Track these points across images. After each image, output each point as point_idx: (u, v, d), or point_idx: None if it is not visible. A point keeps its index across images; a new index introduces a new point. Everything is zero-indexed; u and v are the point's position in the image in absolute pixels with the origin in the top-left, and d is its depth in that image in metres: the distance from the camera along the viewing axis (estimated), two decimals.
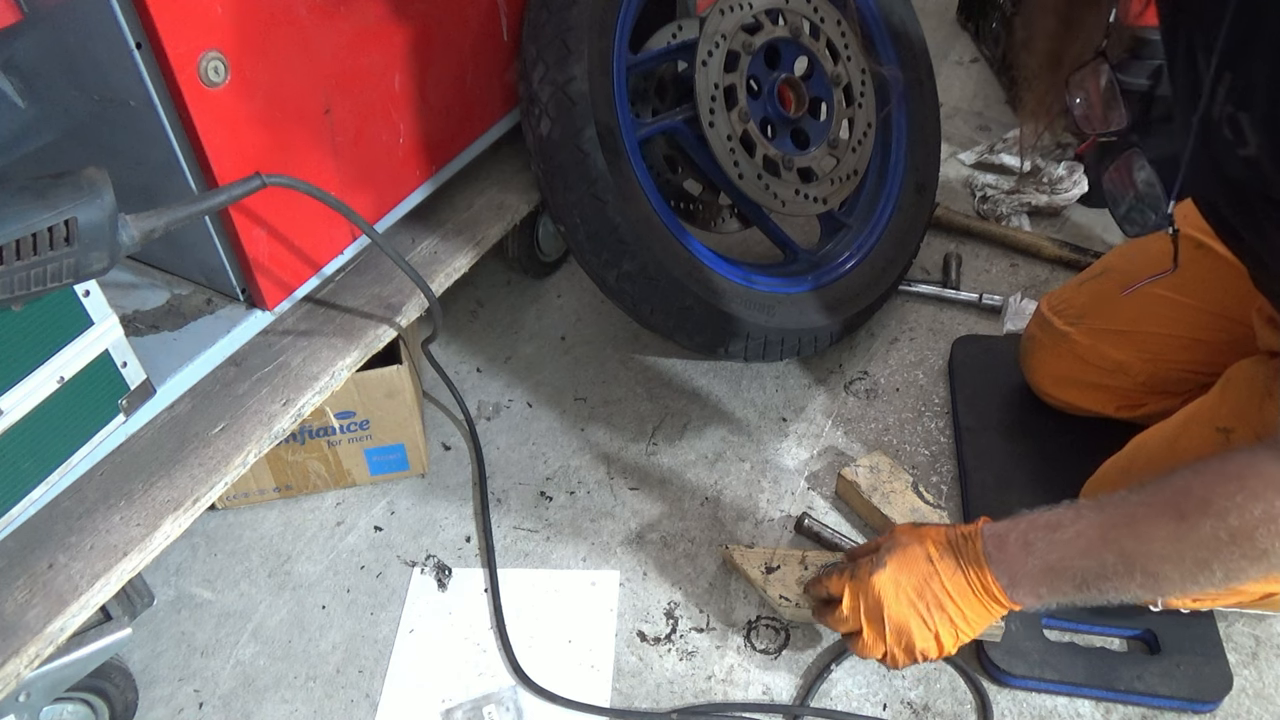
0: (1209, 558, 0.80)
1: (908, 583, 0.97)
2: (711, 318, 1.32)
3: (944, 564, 0.97)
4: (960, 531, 0.97)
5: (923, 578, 0.97)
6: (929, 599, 0.96)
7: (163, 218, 0.88)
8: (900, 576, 0.98)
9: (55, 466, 0.95)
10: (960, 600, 0.96)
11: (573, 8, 1.23)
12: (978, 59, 2.27)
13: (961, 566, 0.96)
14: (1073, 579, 0.88)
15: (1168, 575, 0.83)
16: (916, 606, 0.97)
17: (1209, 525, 0.79)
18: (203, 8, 0.90)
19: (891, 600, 0.97)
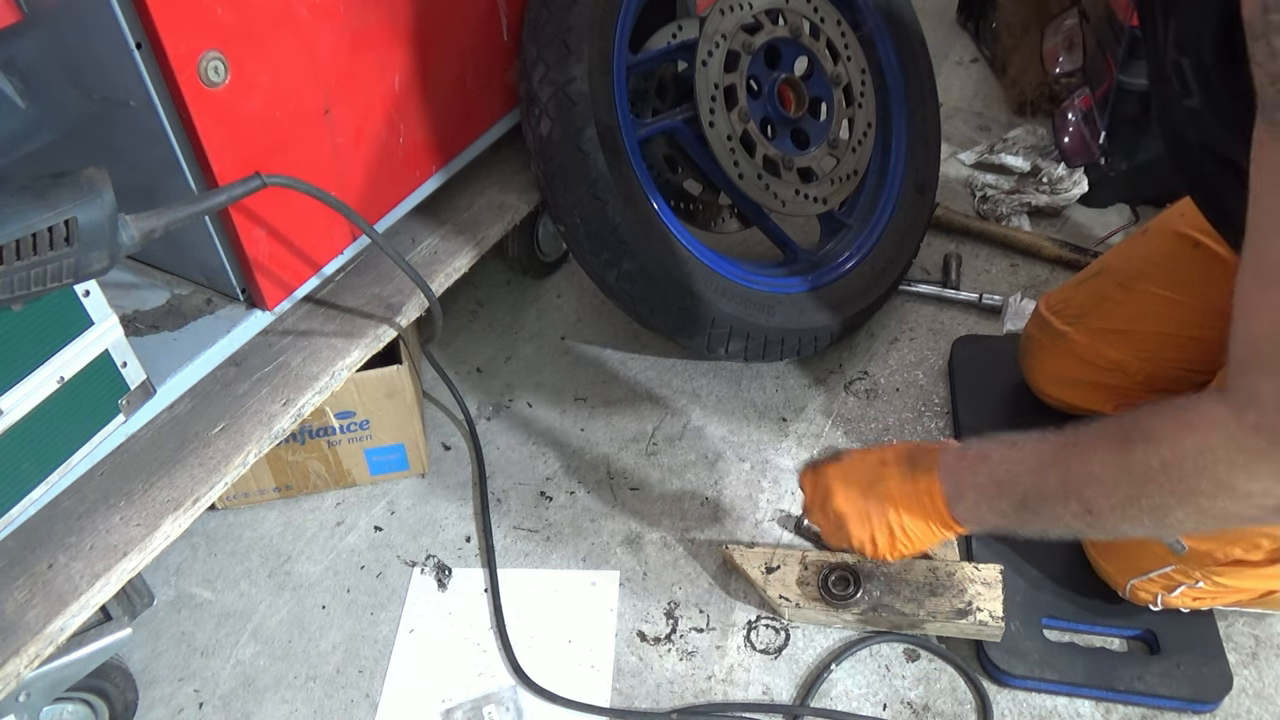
0: (1138, 491, 0.79)
1: (855, 478, 1.02)
2: (711, 318, 1.32)
3: (894, 468, 0.99)
4: (925, 446, 0.99)
5: (871, 478, 1.01)
6: (872, 498, 1.00)
7: (163, 218, 0.88)
8: (850, 472, 1.02)
9: (55, 466, 0.95)
10: (901, 505, 0.98)
11: (573, 8, 1.23)
12: (978, 59, 2.27)
13: (911, 473, 0.98)
14: (1015, 496, 0.89)
15: (1099, 504, 0.82)
16: (858, 503, 1.01)
17: (1143, 453, 0.78)
18: (203, 8, 0.90)
19: (838, 492, 1.02)
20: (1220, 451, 0.73)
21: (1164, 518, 0.78)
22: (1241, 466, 0.72)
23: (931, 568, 1.17)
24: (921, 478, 0.97)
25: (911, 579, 1.16)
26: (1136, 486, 0.79)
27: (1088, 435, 0.84)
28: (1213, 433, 0.74)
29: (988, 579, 1.15)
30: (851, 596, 1.15)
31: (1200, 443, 0.75)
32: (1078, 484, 0.83)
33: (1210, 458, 0.74)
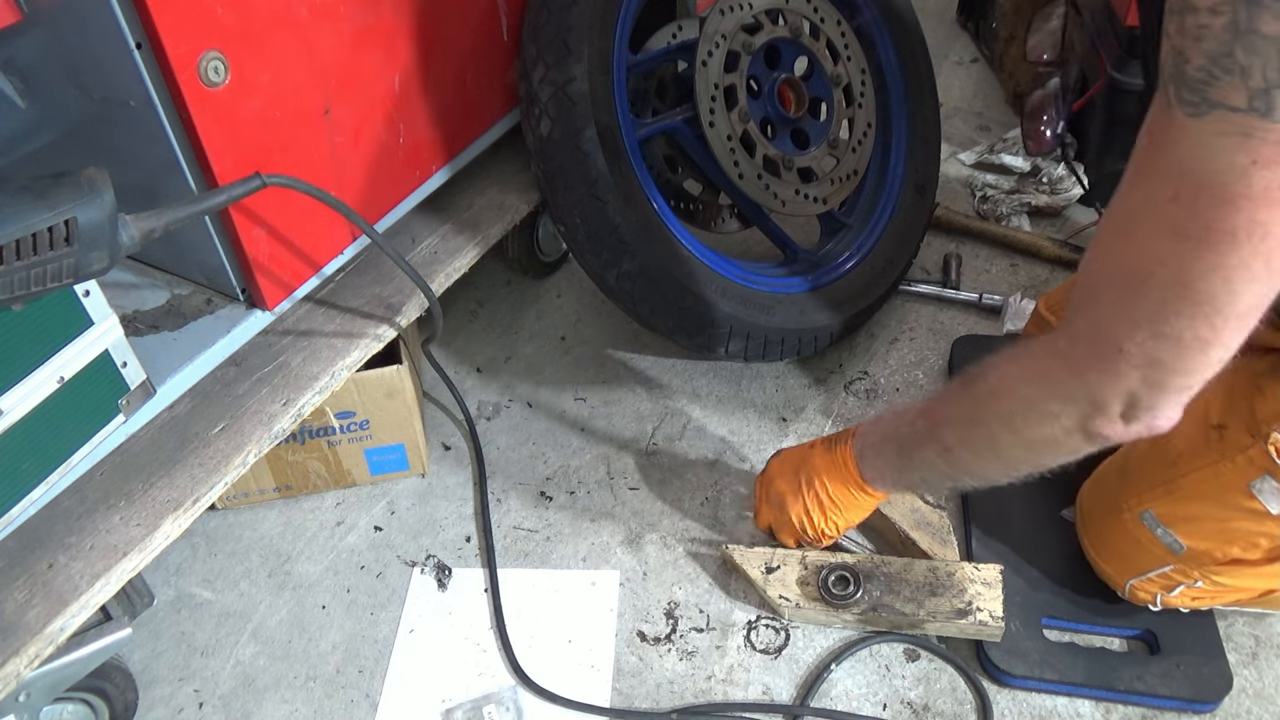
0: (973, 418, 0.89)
1: (789, 463, 1.16)
2: (711, 318, 1.32)
3: (819, 448, 1.13)
4: (843, 430, 1.12)
5: (800, 459, 1.15)
6: (803, 476, 1.13)
7: (163, 218, 0.88)
8: (786, 458, 1.18)
9: (55, 466, 0.95)
10: (826, 474, 1.10)
11: (573, 8, 1.23)
12: (978, 59, 2.27)
13: (832, 446, 1.11)
14: (897, 446, 0.99)
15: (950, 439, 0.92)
16: (791, 480, 1.14)
17: (979, 384, 0.88)
18: (203, 8, 0.90)
19: (777, 475, 1.17)
20: (1031, 375, 0.83)
21: (995, 445, 0.88)
22: (1043, 387, 0.81)
23: (931, 568, 1.17)
24: (839, 448, 1.09)
25: (911, 579, 1.16)
26: (972, 414, 0.89)
27: (950, 384, 0.95)
28: (1029, 360, 0.84)
29: (988, 579, 1.15)
30: (851, 596, 1.15)
31: (1020, 370, 0.85)
32: (936, 424, 0.94)
33: (1023, 381, 0.84)
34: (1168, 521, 1.04)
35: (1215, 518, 1.01)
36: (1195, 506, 1.02)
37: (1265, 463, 0.93)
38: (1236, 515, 0.98)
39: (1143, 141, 0.74)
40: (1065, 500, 1.25)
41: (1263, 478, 0.94)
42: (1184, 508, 1.03)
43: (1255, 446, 0.94)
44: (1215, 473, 0.98)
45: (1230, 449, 0.97)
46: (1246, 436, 0.95)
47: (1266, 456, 0.93)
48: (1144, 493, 1.06)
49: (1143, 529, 1.07)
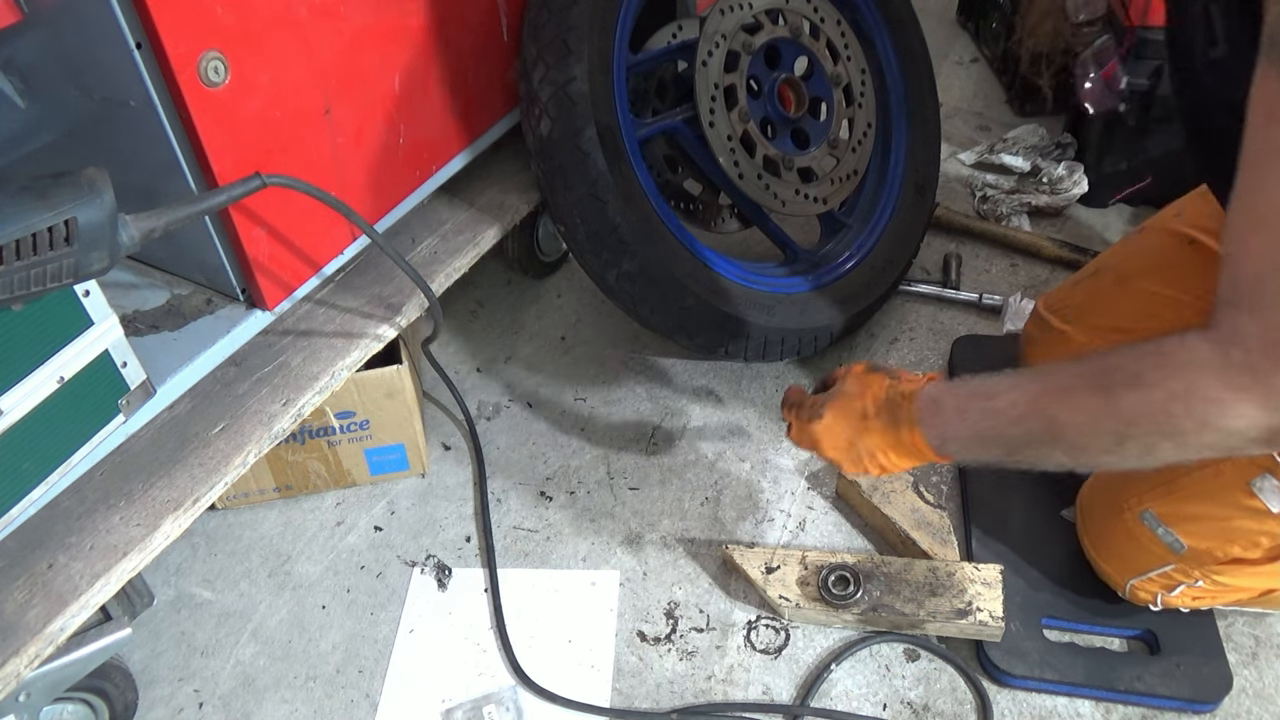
0: (1126, 432, 0.80)
1: (840, 434, 1.02)
2: (711, 318, 1.32)
3: (876, 421, 0.99)
4: (900, 390, 0.99)
5: (855, 432, 1.01)
6: (859, 448, 1.01)
7: (163, 218, 0.87)
8: (834, 427, 1.02)
9: (55, 466, 0.95)
10: (889, 452, 0.99)
11: (573, 8, 1.23)
12: (978, 59, 2.27)
13: (893, 425, 0.98)
14: (1001, 445, 0.90)
15: (1088, 447, 0.84)
16: (847, 453, 1.02)
17: (1131, 399, 0.79)
18: (203, 8, 0.90)
19: (826, 446, 1.03)
20: (1207, 391, 0.74)
21: (1151, 452, 0.80)
22: (1228, 404, 0.73)
23: (931, 568, 1.17)
24: (904, 431, 0.97)
25: (911, 579, 1.16)
26: (1124, 428, 0.80)
27: (1065, 381, 0.85)
28: (1199, 373, 0.75)
29: (988, 579, 1.15)
30: (851, 596, 1.15)
31: (1186, 384, 0.76)
32: (1064, 432, 0.84)
33: (1197, 398, 0.75)
34: (1168, 521, 1.04)
35: (1216, 516, 1.01)
36: (1196, 505, 1.02)
37: (1265, 461, 0.94)
38: (1237, 514, 0.99)
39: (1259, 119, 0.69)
40: (1065, 500, 1.25)
41: (1263, 476, 0.95)
42: (1184, 507, 1.03)
43: None
44: (1215, 471, 0.99)
45: None
46: None
47: (1266, 455, 0.93)
48: (1144, 492, 1.07)
49: (1143, 528, 1.07)
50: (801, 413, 1.06)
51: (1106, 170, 1.78)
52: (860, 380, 1.03)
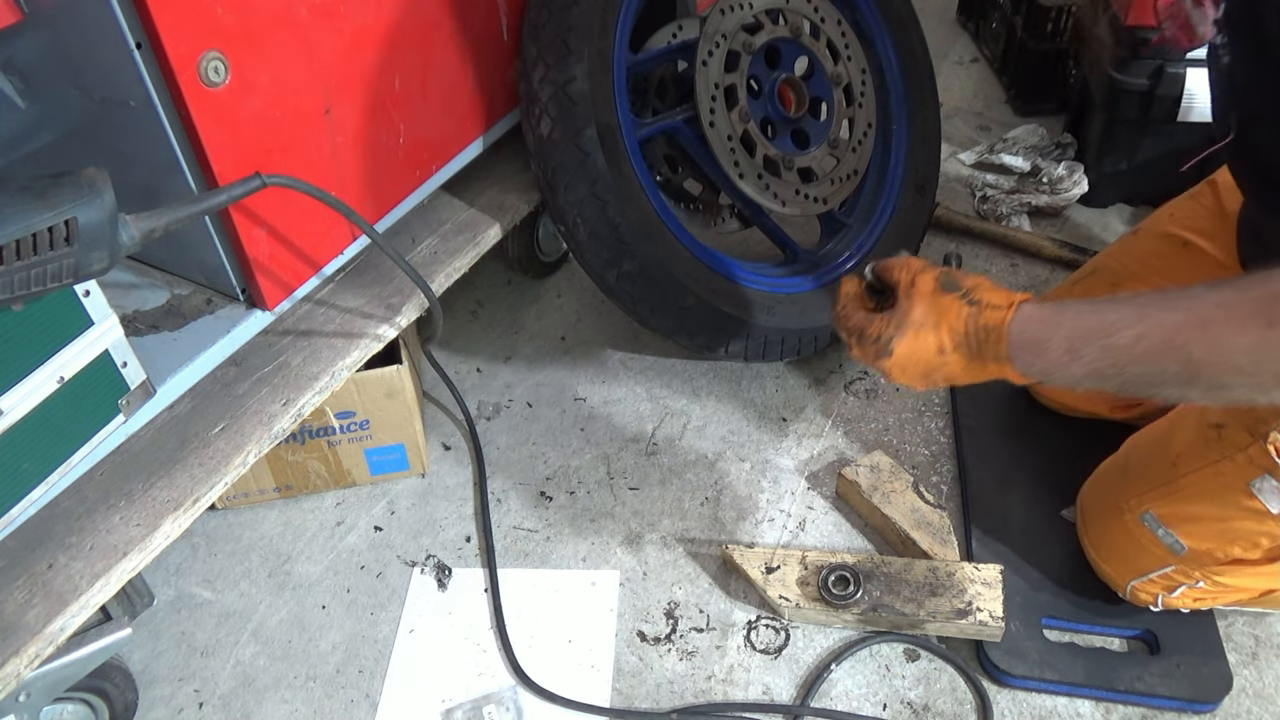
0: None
1: (913, 370, 0.90)
2: (711, 318, 1.32)
3: (956, 355, 0.87)
4: (984, 323, 0.86)
5: (930, 367, 0.89)
6: (936, 379, 0.90)
7: (163, 218, 0.87)
8: (907, 364, 0.90)
9: (55, 466, 0.95)
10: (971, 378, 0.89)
11: (573, 8, 1.23)
12: (978, 59, 2.27)
13: (977, 360, 0.87)
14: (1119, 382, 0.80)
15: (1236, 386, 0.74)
16: (919, 382, 0.91)
17: None
18: (203, 8, 0.90)
19: (895, 378, 0.92)
20: None
21: None
22: None
23: (931, 568, 1.17)
24: (991, 365, 0.86)
25: (911, 579, 1.16)
26: None
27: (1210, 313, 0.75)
28: None
29: (988, 579, 1.15)
30: (851, 597, 1.15)
31: None
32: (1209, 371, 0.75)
33: None
34: (1169, 522, 1.04)
35: (1216, 518, 1.01)
36: (1196, 507, 1.02)
37: (1265, 461, 0.94)
38: (1237, 515, 0.99)
39: None
40: (1065, 500, 1.25)
41: (1263, 477, 0.95)
42: (1185, 508, 1.03)
43: (1255, 445, 0.94)
44: (1215, 472, 0.99)
45: (1229, 448, 0.97)
46: (1245, 435, 0.95)
47: (1266, 455, 0.93)
48: (1145, 493, 1.07)
49: (1144, 530, 1.07)
50: (865, 344, 0.93)
51: (1106, 170, 1.78)
52: (932, 305, 0.89)
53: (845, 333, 0.95)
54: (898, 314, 0.89)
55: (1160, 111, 1.65)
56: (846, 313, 0.95)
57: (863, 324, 0.92)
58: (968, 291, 0.87)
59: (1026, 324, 0.83)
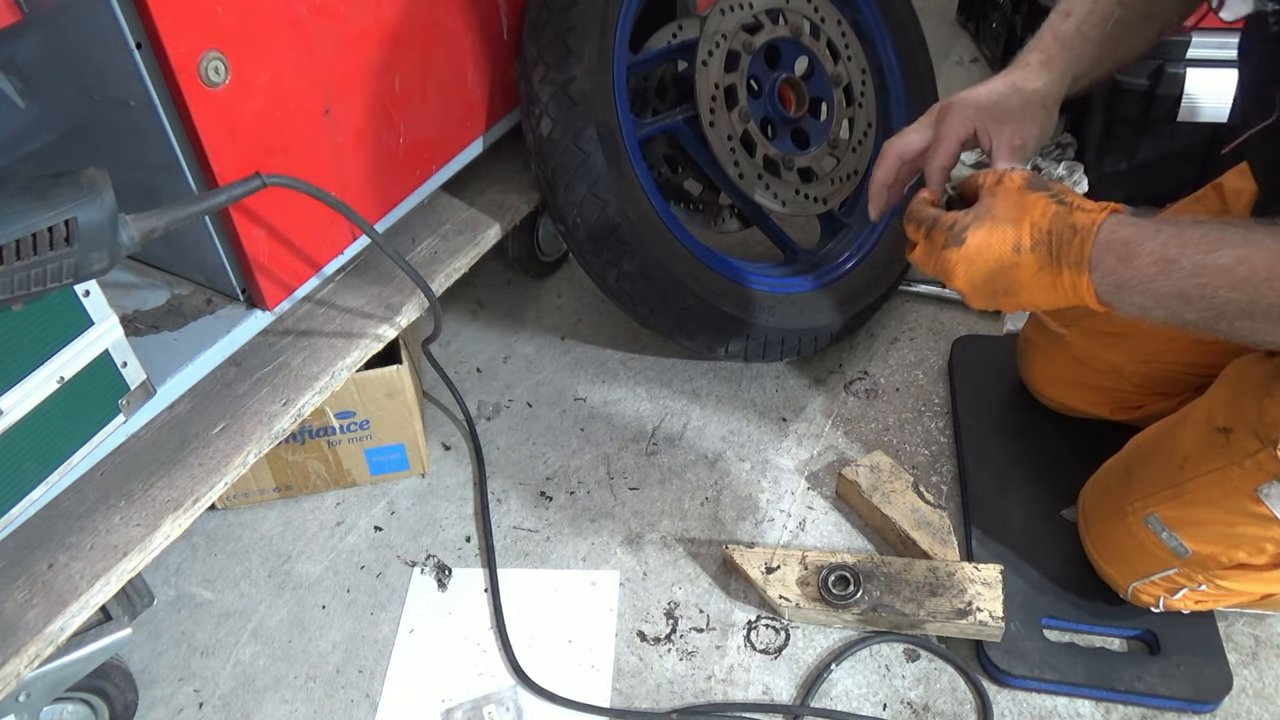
0: None
1: (981, 266, 0.83)
2: (711, 318, 1.32)
3: (1032, 256, 0.80)
4: (1072, 221, 0.79)
5: (1000, 267, 0.82)
6: (998, 285, 0.83)
7: (163, 218, 0.88)
8: (977, 259, 0.82)
9: (55, 466, 0.95)
10: (1035, 294, 0.82)
11: (573, 8, 1.23)
12: (978, 59, 2.27)
13: (1052, 265, 0.80)
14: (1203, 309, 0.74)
15: None
16: (981, 288, 0.84)
17: None
18: (203, 8, 0.90)
19: (959, 277, 0.84)
20: None
21: None
22: None
23: (931, 568, 1.17)
24: (1066, 273, 0.80)
25: (911, 579, 1.16)
26: None
27: None
28: None
29: (988, 579, 1.15)
30: (851, 597, 1.15)
31: None
32: None
33: None
34: (1173, 525, 1.04)
35: (1221, 522, 1.00)
36: (1201, 511, 1.01)
37: (1273, 468, 0.92)
38: (1243, 520, 0.98)
39: None
40: (1066, 500, 1.25)
41: (1270, 483, 0.93)
42: (1190, 512, 1.02)
43: (1263, 451, 0.93)
44: (1222, 477, 0.97)
45: (1237, 453, 0.95)
46: (1254, 441, 0.94)
47: (1275, 461, 0.92)
48: (1149, 496, 1.06)
49: (1147, 532, 1.07)
50: (935, 233, 0.85)
51: (1106, 170, 1.77)
52: (1017, 200, 0.82)
53: (915, 224, 0.87)
54: (978, 207, 0.84)
55: (1160, 111, 1.65)
56: (917, 207, 0.89)
57: (935, 215, 0.86)
58: (1058, 193, 0.81)
59: (1118, 227, 0.78)
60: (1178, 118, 1.65)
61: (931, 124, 0.94)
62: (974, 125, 0.91)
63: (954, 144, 0.91)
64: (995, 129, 0.91)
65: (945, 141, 0.92)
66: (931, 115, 0.95)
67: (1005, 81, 0.93)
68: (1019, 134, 0.91)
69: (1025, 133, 0.91)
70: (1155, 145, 1.72)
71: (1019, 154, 0.92)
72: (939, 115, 0.93)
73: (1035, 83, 0.93)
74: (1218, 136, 1.67)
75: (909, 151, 0.95)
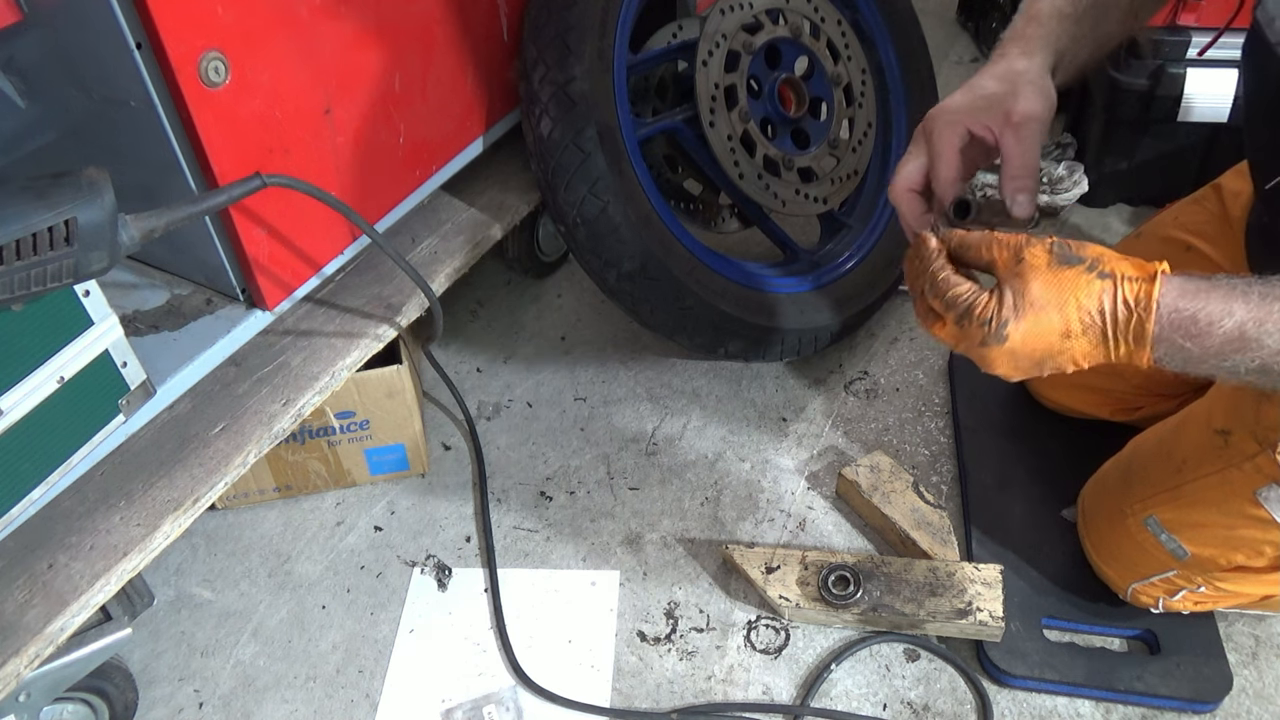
0: None
1: (1027, 358, 0.75)
2: (711, 318, 1.32)
3: (1084, 340, 0.74)
4: (1124, 298, 0.72)
5: (1048, 354, 0.75)
6: (1045, 368, 0.76)
7: (163, 218, 0.88)
8: (1021, 352, 0.75)
9: (55, 467, 0.95)
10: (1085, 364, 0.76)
11: (573, 8, 1.23)
12: (978, 59, 2.27)
13: (1107, 345, 0.74)
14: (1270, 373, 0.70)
15: None
16: (1026, 372, 0.77)
17: None
18: (203, 8, 0.90)
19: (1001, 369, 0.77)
20: None
21: None
22: None
23: (931, 568, 1.17)
24: (1123, 350, 0.73)
25: (911, 579, 1.16)
26: None
27: None
28: None
29: (988, 579, 1.15)
30: (851, 597, 1.15)
31: None
32: None
33: None
34: (1172, 527, 1.04)
35: (1220, 525, 1.00)
36: (1200, 513, 1.01)
37: (1272, 471, 0.92)
38: (1242, 523, 0.97)
39: None
40: (1066, 500, 1.25)
41: (1269, 486, 0.93)
42: (1189, 514, 1.02)
43: (1262, 454, 0.92)
44: (1221, 480, 0.97)
45: (1236, 456, 0.95)
46: (1252, 443, 0.93)
47: (1273, 464, 0.91)
48: (1149, 498, 1.06)
49: (1146, 534, 1.06)
50: (969, 325, 0.76)
51: (1106, 170, 1.78)
52: (1053, 281, 0.74)
53: (944, 305, 0.78)
54: (1010, 292, 0.74)
55: (1160, 111, 1.65)
56: (942, 280, 0.78)
57: (970, 299, 0.75)
58: (1093, 263, 0.73)
59: (1179, 300, 0.71)
60: (1178, 118, 1.65)
61: (921, 144, 0.90)
62: (964, 129, 0.87)
63: (952, 154, 0.87)
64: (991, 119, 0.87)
65: (942, 155, 0.88)
66: (918, 136, 0.91)
67: (985, 75, 0.90)
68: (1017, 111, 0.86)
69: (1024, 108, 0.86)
70: (1155, 145, 1.72)
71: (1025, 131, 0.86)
72: (926, 132, 0.90)
73: (1017, 65, 0.90)
74: (1217, 136, 1.67)
75: (916, 181, 0.90)
